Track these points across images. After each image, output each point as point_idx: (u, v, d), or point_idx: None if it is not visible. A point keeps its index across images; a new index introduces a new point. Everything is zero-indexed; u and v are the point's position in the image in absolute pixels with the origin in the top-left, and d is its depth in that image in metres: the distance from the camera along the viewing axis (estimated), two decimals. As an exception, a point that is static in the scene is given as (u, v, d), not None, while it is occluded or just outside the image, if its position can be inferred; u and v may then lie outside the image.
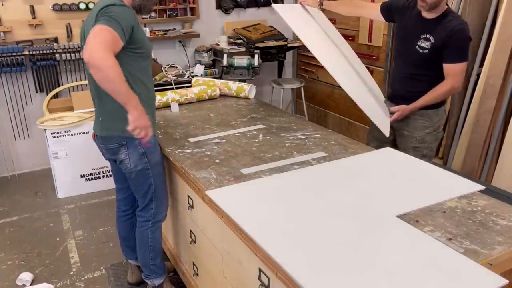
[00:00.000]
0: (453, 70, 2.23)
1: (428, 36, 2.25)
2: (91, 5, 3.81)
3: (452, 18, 2.23)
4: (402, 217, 1.44)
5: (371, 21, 3.87)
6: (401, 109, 2.34)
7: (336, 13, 4.13)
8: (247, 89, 2.89)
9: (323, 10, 2.60)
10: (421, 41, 2.28)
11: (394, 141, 2.51)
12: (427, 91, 2.30)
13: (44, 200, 3.59)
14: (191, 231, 2.06)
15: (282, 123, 2.44)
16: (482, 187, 1.63)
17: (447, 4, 2.27)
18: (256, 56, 3.89)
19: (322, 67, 4.64)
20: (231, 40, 4.38)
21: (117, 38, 1.72)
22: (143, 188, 2.07)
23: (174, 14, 4.22)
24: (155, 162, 2.04)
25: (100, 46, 1.63)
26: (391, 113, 2.39)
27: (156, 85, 2.06)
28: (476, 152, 3.02)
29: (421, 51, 2.28)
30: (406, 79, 2.40)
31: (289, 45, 4.42)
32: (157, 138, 2.13)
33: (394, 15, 2.48)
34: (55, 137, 3.46)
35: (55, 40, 3.80)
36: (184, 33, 4.23)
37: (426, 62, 2.30)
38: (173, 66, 4.00)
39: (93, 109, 2.06)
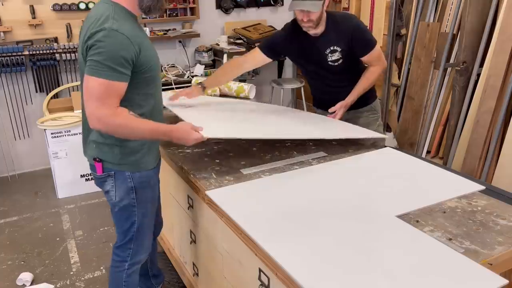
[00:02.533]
0: (374, 57, 2.21)
1: (332, 47, 2.17)
2: (91, 5, 3.81)
3: (339, 19, 2.17)
4: (402, 217, 1.44)
5: (371, 21, 3.87)
6: (342, 106, 2.20)
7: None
8: (247, 89, 2.89)
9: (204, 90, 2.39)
10: (330, 56, 2.18)
11: None
12: None
13: (44, 200, 3.58)
14: (191, 231, 2.06)
15: (282, 123, 2.43)
16: (482, 187, 1.63)
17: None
18: (256, 56, 3.88)
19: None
20: (231, 40, 4.38)
21: (115, 85, 1.52)
22: (124, 225, 1.83)
23: (174, 14, 4.22)
24: (144, 199, 1.81)
25: (98, 109, 1.52)
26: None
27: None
28: (476, 152, 3.02)
29: (335, 64, 2.20)
30: (339, 89, 2.27)
31: (289, 45, 4.42)
32: (157, 171, 1.90)
33: (280, 52, 2.38)
34: (55, 137, 3.46)
35: (55, 40, 3.80)
36: (184, 33, 4.23)
37: (345, 69, 2.24)
38: (173, 66, 4.00)
39: None
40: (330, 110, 2.22)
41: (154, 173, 1.86)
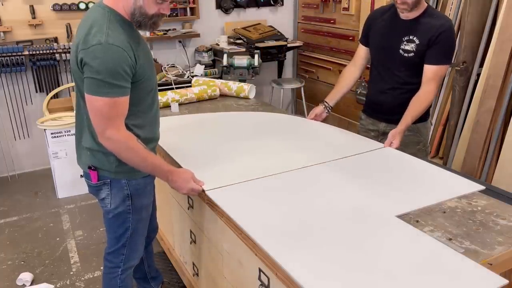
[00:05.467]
0: (437, 74, 2.04)
1: (411, 37, 2.06)
2: (91, 5, 3.80)
3: (437, 16, 2.07)
4: (402, 217, 1.44)
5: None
6: (395, 134, 2.02)
7: (336, 13, 4.16)
8: (247, 89, 2.89)
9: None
10: (404, 44, 2.08)
11: None
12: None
13: (44, 200, 3.58)
14: (191, 231, 2.06)
15: (282, 123, 2.43)
16: (482, 187, 1.63)
17: (426, 2, 2.10)
18: (256, 56, 3.89)
19: (322, 67, 4.65)
20: (231, 40, 4.38)
21: (120, 100, 1.51)
22: (118, 231, 1.80)
23: (174, 14, 4.22)
24: (139, 206, 1.78)
25: (108, 129, 1.51)
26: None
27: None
28: (476, 152, 3.02)
29: (406, 54, 2.08)
30: (395, 90, 2.18)
31: (289, 45, 4.43)
32: (154, 176, 1.84)
33: (368, 33, 2.28)
34: (55, 137, 3.46)
35: (55, 40, 3.80)
36: (184, 33, 4.23)
37: (414, 67, 2.10)
38: (173, 66, 4.00)
39: None
40: (385, 145, 2.02)
41: (151, 179, 1.83)
